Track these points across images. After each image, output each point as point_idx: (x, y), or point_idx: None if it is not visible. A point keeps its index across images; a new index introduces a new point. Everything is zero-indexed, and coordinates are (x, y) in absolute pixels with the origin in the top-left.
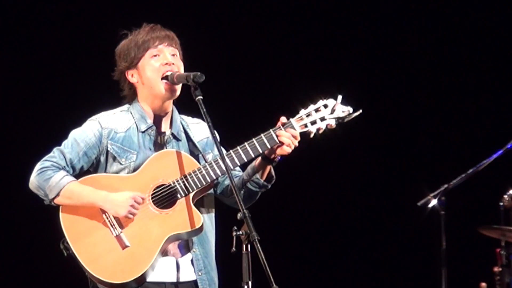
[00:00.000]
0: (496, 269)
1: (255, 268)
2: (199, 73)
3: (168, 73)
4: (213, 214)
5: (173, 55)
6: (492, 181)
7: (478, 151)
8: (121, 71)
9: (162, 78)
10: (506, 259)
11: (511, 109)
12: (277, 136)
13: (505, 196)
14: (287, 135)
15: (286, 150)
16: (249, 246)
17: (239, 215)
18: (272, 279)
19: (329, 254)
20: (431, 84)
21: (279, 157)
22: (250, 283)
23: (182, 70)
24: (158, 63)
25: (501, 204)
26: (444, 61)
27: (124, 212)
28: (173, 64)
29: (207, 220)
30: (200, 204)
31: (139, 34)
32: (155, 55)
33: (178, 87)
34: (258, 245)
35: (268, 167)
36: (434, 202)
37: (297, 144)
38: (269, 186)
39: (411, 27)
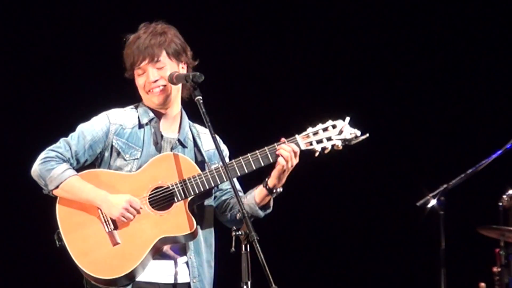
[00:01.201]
0: (495, 269)
1: (254, 268)
2: (198, 73)
3: (155, 90)
4: (210, 226)
5: (159, 68)
6: (491, 181)
7: (477, 151)
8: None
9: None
10: (505, 259)
11: (511, 109)
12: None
13: (504, 196)
14: (287, 149)
15: (281, 162)
16: (248, 246)
17: (238, 215)
18: (271, 279)
19: (328, 254)
20: (431, 84)
21: (281, 189)
22: (249, 283)
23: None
24: (143, 81)
25: (500, 204)
26: (443, 61)
27: (117, 214)
28: (157, 80)
29: (202, 234)
30: (199, 217)
31: (129, 46)
32: (140, 74)
33: (174, 89)
34: (257, 245)
35: (268, 198)
36: (433, 202)
37: (295, 161)
38: (263, 215)
39: (409, 26)
